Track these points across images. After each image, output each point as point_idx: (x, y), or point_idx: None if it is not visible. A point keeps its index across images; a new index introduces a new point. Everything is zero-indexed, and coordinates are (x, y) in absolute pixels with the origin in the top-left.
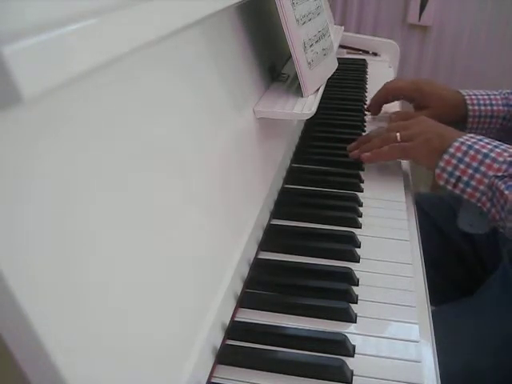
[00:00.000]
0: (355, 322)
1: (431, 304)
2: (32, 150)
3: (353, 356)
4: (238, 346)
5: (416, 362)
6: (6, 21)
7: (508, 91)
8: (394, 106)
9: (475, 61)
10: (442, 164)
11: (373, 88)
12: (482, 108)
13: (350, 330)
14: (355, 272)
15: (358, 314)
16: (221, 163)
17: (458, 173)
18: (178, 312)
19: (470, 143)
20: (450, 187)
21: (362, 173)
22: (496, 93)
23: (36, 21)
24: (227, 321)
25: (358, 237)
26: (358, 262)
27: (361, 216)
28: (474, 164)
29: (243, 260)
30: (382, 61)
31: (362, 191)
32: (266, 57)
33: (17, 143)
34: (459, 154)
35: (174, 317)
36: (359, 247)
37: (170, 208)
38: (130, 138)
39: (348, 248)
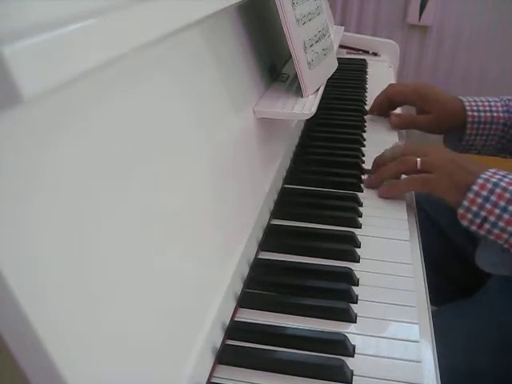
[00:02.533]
0: (355, 322)
1: (431, 304)
2: (32, 150)
3: (353, 356)
4: (238, 346)
5: (416, 361)
6: (6, 21)
7: (508, 98)
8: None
9: (475, 61)
10: (466, 203)
11: (373, 88)
12: (482, 114)
13: (350, 330)
14: (355, 272)
15: (358, 314)
16: (221, 163)
17: (483, 213)
18: (177, 312)
19: (495, 180)
20: (474, 228)
21: (361, 173)
22: (497, 99)
23: (36, 21)
24: (227, 321)
25: (358, 237)
26: (358, 262)
27: (361, 216)
28: (502, 203)
29: (243, 260)
30: (382, 61)
31: (361, 191)
32: (266, 57)
33: (17, 143)
34: (484, 193)
35: (174, 317)
36: (359, 247)
37: (170, 208)
38: (129, 138)
39: (348, 248)
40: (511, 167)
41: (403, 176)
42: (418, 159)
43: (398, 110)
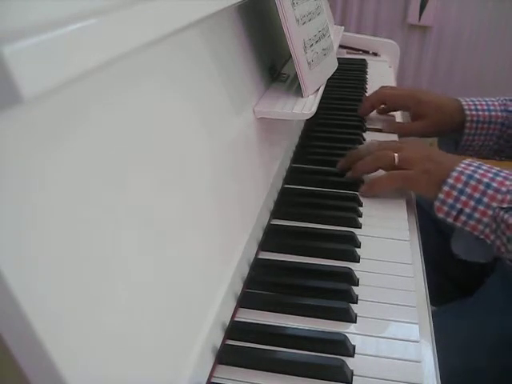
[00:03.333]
0: (355, 322)
1: (431, 304)
2: (32, 150)
3: (353, 356)
4: (238, 346)
5: (416, 361)
6: (6, 21)
7: (506, 98)
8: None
9: (475, 61)
10: (441, 196)
11: (373, 88)
12: (480, 113)
13: (350, 330)
14: (355, 272)
15: (358, 314)
16: (221, 163)
17: (459, 205)
18: (177, 312)
19: (469, 172)
20: (450, 220)
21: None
22: (494, 99)
23: (36, 21)
24: (227, 321)
25: (358, 237)
26: (358, 262)
27: (361, 216)
28: (476, 195)
29: (243, 260)
30: (382, 61)
31: None
32: (265, 57)
33: (17, 143)
34: (459, 185)
35: (174, 317)
36: (359, 247)
37: (170, 208)
38: (129, 138)
39: (348, 248)
40: (506, 169)
41: (381, 172)
42: (396, 154)
43: (398, 116)
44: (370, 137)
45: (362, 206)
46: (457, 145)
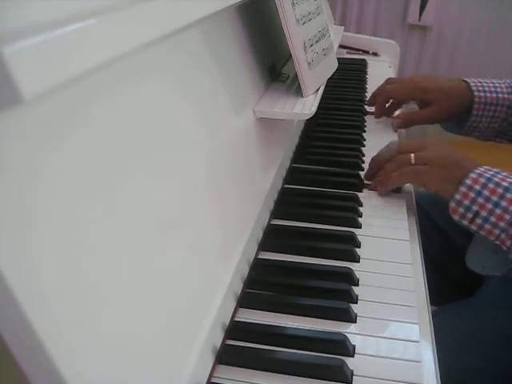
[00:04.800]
0: (355, 322)
1: (431, 304)
2: (32, 149)
3: (353, 356)
4: (238, 346)
5: (416, 361)
6: (6, 21)
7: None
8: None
9: (475, 61)
10: (458, 197)
11: (373, 88)
12: (488, 95)
13: (350, 330)
14: (355, 272)
15: (358, 314)
16: (221, 163)
17: (475, 207)
18: (177, 312)
19: (488, 175)
20: (465, 222)
21: (361, 173)
22: (500, 81)
23: (36, 21)
24: (227, 321)
25: (358, 237)
26: (358, 262)
27: (361, 216)
28: (494, 198)
29: (243, 260)
30: (382, 61)
31: (361, 191)
32: (266, 57)
33: (17, 143)
34: (477, 187)
35: (174, 317)
36: (359, 247)
37: (170, 209)
38: (129, 139)
39: (348, 248)
40: (504, 154)
41: None
42: (412, 155)
43: (397, 110)
44: (370, 136)
45: (361, 206)
46: (460, 125)
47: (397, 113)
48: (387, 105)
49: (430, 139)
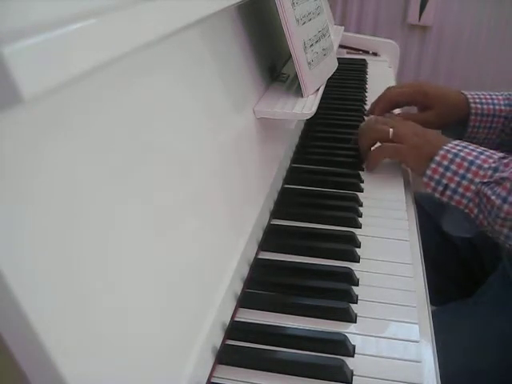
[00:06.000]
0: (355, 322)
1: (431, 304)
2: (32, 150)
3: (353, 356)
4: (238, 346)
5: (416, 361)
6: (6, 21)
7: (510, 92)
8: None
9: (475, 61)
10: (429, 172)
11: (373, 88)
12: (485, 106)
13: (350, 330)
14: (355, 272)
15: (358, 314)
16: (221, 163)
17: (445, 180)
18: (178, 312)
19: (455, 151)
20: (437, 195)
21: (361, 173)
22: (498, 93)
23: (36, 21)
24: (227, 321)
25: (358, 237)
26: (358, 262)
27: (361, 216)
28: (461, 171)
29: (243, 260)
30: (382, 61)
31: (361, 191)
32: (265, 57)
33: (17, 143)
34: (445, 162)
35: (174, 317)
36: (359, 247)
37: (170, 209)
38: (129, 139)
39: (348, 248)
40: None
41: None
42: (391, 129)
43: (397, 110)
44: None
45: (361, 205)
46: (460, 137)
47: (396, 112)
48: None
49: (401, 119)
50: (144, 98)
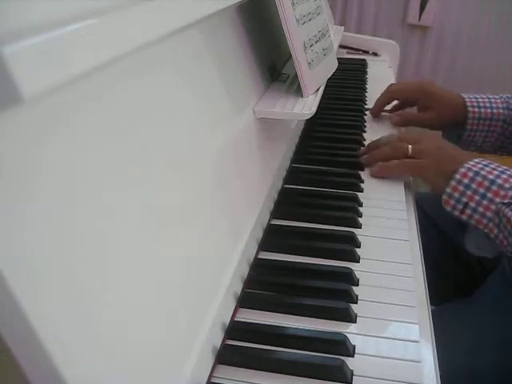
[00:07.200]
0: (355, 322)
1: (431, 304)
2: (32, 150)
3: (353, 356)
4: (238, 346)
5: (416, 361)
6: (5, 21)
7: (508, 95)
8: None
9: (475, 61)
10: (448, 190)
11: (373, 88)
12: (482, 110)
13: (350, 330)
14: (355, 272)
15: (358, 314)
16: (221, 163)
17: (465, 199)
18: (178, 312)
19: (476, 169)
20: (457, 213)
21: (361, 173)
22: (496, 96)
23: (36, 21)
24: (227, 321)
25: (358, 237)
26: (358, 262)
27: (361, 216)
28: (481, 190)
29: (243, 260)
30: (382, 61)
31: (361, 191)
32: (266, 57)
33: (17, 143)
34: (466, 181)
35: (174, 317)
36: (359, 247)
37: (170, 209)
38: (129, 139)
39: (348, 248)
40: (509, 165)
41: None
42: (410, 146)
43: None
44: (370, 136)
45: (361, 206)
46: (459, 139)
47: (394, 103)
48: (388, 107)
49: (427, 134)
50: (144, 98)
